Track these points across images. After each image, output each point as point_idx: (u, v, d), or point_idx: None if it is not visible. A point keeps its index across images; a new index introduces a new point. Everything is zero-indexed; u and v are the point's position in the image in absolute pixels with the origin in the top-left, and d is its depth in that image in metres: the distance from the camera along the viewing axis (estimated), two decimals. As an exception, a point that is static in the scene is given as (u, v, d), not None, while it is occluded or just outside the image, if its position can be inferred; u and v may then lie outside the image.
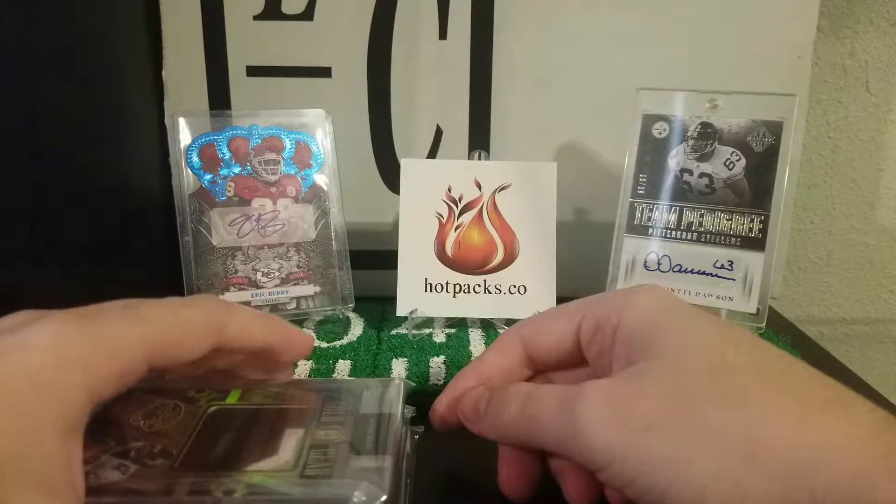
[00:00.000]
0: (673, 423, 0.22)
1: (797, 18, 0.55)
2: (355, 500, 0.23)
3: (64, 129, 0.45)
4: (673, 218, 0.46)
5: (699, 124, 0.46)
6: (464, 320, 0.49)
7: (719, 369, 0.23)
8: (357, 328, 0.48)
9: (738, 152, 0.45)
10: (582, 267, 0.49)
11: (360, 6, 0.53)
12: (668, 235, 0.46)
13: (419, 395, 0.37)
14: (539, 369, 0.31)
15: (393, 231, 0.52)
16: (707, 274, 0.46)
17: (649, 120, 0.47)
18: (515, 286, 0.47)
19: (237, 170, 0.46)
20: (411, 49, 0.54)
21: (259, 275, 0.46)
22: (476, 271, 0.47)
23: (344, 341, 0.46)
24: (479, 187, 0.48)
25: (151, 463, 0.25)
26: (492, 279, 0.47)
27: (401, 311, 0.46)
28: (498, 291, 0.47)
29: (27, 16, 0.40)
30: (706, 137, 0.46)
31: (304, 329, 0.47)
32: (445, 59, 0.54)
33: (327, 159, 0.48)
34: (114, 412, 0.29)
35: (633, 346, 0.25)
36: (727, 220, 0.45)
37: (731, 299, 0.45)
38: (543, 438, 0.25)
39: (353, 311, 0.50)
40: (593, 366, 0.28)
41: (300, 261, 0.47)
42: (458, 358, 0.43)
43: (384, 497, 0.24)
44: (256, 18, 0.53)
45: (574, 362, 0.29)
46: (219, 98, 0.54)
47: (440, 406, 0.30)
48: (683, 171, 0.46)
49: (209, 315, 0.26)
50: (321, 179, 0.48)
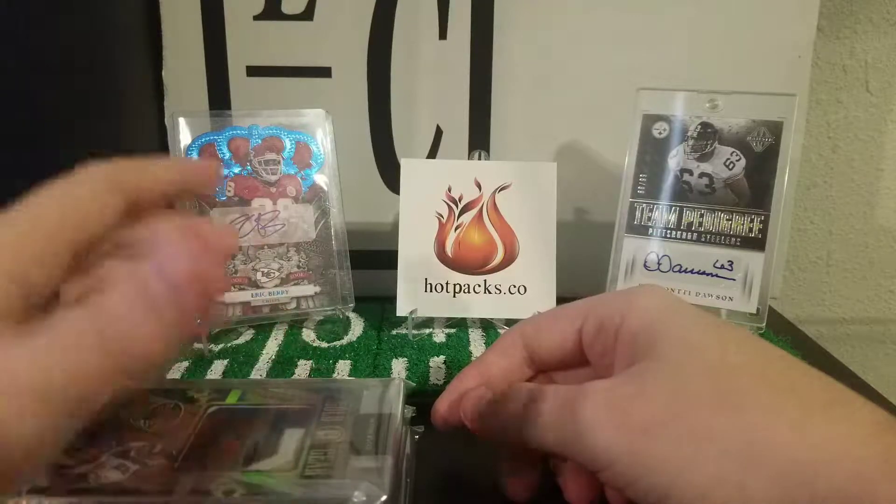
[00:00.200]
0: (673, 425, 0.22)
1: (797, 18, 0.55)
2: (355, 500, 0.23)
3: (64, 129, 0.45)
4: (673, 218, 0.46)
5: (699, 124, 0.46)
6: (464, 320, 0.49)
7: (720, 371, 0.23)
8: (357, 328, 0.48)
9: (738, 152, 0.45)
10: (582, 267, 0.49)
11: (360, 6, 0.53)
12: (668, 235, 0.46)
13: (419, 395, 0.37)
14: (540, 369, 0.31)
15: (393, 231, 0.52)
16: (707, 274, 0.46)
17: (649, 120, 0.47)
18: (515, 286, 0.47)
19: (237, 170, 0.46)
20: (411, 49, 0.54)
21: (259, 275, 0.46)
22: (476, 271, 0.47)
23: (344, 341, 0.46)
24: (479, 187, 0.48)
25: (151, 463, 0.25)
26: (492, 279, 0.47)
27: (401, 311, 0.46)
28: (498, 291, 0.47)
29: (27, 16, 0.40)
30: (706, 137, 0.46)
31: (305, 329, 0.47)
32: (445, 59, 0.54)
33: (327, 159, 0.48)
34: (114, 412, 0.29)
35: (635, 347, 0.25)
36: (727, 220, 0.45)
37: (731, 299, 0.45)
38: (544, 439, 0.25)
39: (353, 311, 0.50)
40: (595, 366, 0.28)
41: (300, 261, 0.47)
42: (458, 358, 0.43)
43: (384, 497, 0.24)
44: (256, 18, 0.53)
45: (576, 362, 0.29)
46: (219, 98, 0.54)
47: (442, 406, 0.30)
48: (683, 171, 0.46)
49: (107, 175, 0.25)
50: (321, 179, 0.48)
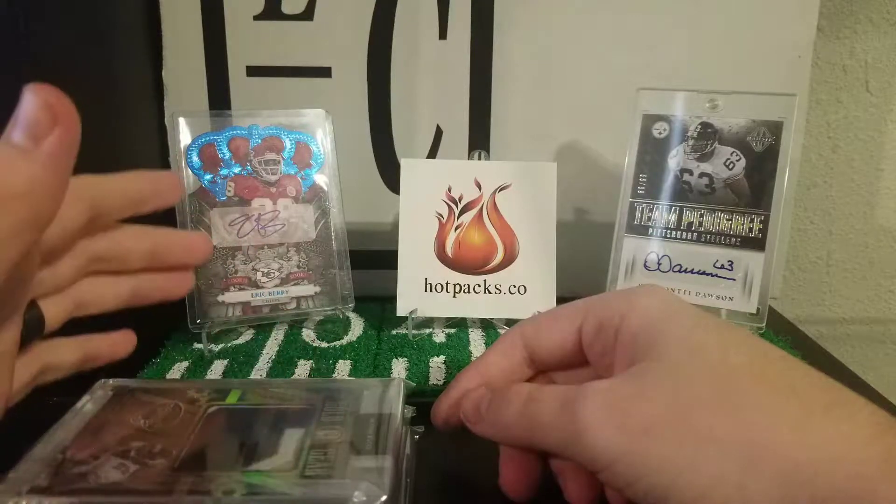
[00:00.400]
0: (673, 426, 0.22)
1: (797, 18, 0.55)
2: (355, 500, 0.23)
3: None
4: (673, 218, 0.46)
5: (699, 124, 0.46)
6: (464, 320, 0.49)
7: (720, 372, 0.23)
8: (357, 328, 0.48)
9: (738, 152, 0.45)
10: (582, 267, 0.49)
11: (360, 6, 0.53)
12: (668, 235, 0.46)
13: (419, 395, 0.37)
14: (540, 369, 0.31)
15: (393, 231, 0.52)
16: (707, 274, 0.46)
17: (649, 120, 0.47)
18: (515, 286, 0.47)
19: (237, 170, 0.46)
20: (411, 49, 0.54)
21: (259, 275, 0.46)
22: (476, 271, 0.47)
23: (344, 341, 0.46)
24: (479, 187, 0.48)
25: (151, 463, 0.25)
26: (492, 279, 0.47)
27: (401, 311, 0.46)
28: (498, 291, 0.47)
29: (28, 16, 0.40)
30: (706, 137, 0.46)
31: (305, 329, 0.47)
32: (445, 59, 0.54)
33: (327, 159, 0.48)
34: (114, 412, 0.29)
35: (635, 348, 0.25)
36: (727, 220, 0.45)
37: (731, 299, 0.45)
38: (544, 439, 0.25)
39: (353, 311, 0.50)
40: (595, 366, 0.28)
41: (300, 261, 0.47)
42: (458, 358, 0.43)
43: (384, 497, 0.24)
44: (256, 18, 0.53)
45: (576, 362, 0.29)
46: (219, 98, 0.54)
47: (442, 406, 0.30)
48: (683, 171, 0.46)
49: (76, 182, 0.25)
50: (321, 179, 0.48)
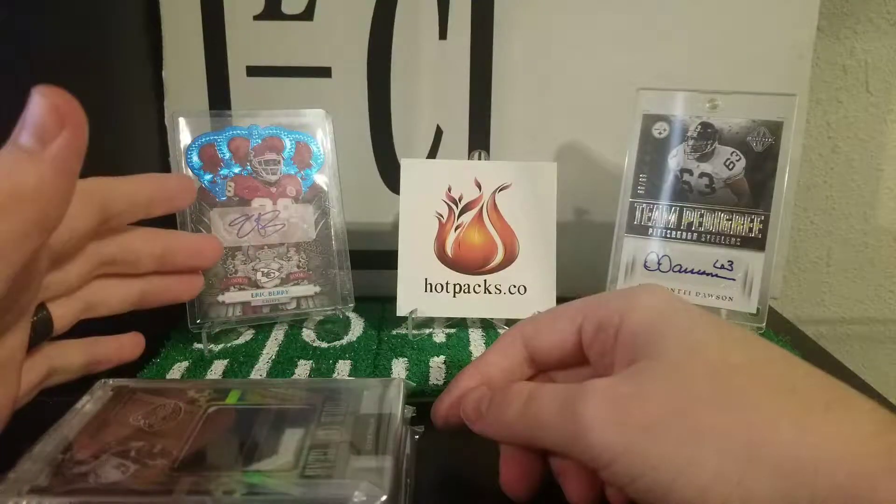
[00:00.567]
0: (674, 424, 0.22)
1: (797, 18, 0.55)
2: (355, 500, 0.23)
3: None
4: (673, 218, 0.46)
5: (699, 124, 0.46)
6: (464, 320, 0.49)
7: (720, 370, 0.23)
8: (357, 328, 0.48)
9: (738, 152, 0.45)
10: (582, 267, 0.49)
11: (360, 6, 0.53)
12: (668, 235, 0.46)
13: (419, 395, 0.37)
14: (540, 369, 0.31)
15: (393, 231, 0.52)
16: (707, 274, 0.46)
17: (649, 120, 0.47)
18: (515, 286, 0.47)
19: (237, 170, 0.46)
20: (411, 49, 0.54)
21: (259, 275, 0.46)
22: (476, 271, 0.47)
23: (344, 341, 0.46)
24: (479, 187, 0.48)
25: (151, 463, 0.25)
26: (492, 279, 0.47)
27: (401, 311, 0.46)
28: (498, 291, 0.47)
29: (27, 16, 0.40)
30: (706, 137, 0.46)
31: (305, 329, 0.47)
32: (445, 59, 0.54)
33: (327, 159, 0.48)
34: (114, 412, 0.29)
35: (635, 347, 0.25)
36: (727, 220, 0.45)
37: (731, 299, 0.45)
38: (545, 438, 0.25)
39: (353, 311, 0.50)
40: (595, 365, 0.28)
41: (300, 261, 0.47)
42: (458, 358, 0.43)
43: (384, 497, 0.24)
44: (256, 18, 0.53)
45: (576, 362, 0.29)
46: (219, 98, 0.54)
47: (442, 406, 0.30)
48: (683, 171, 0.46)
49: (81, 187, 0.25)
50: (321, 179, 0.48)
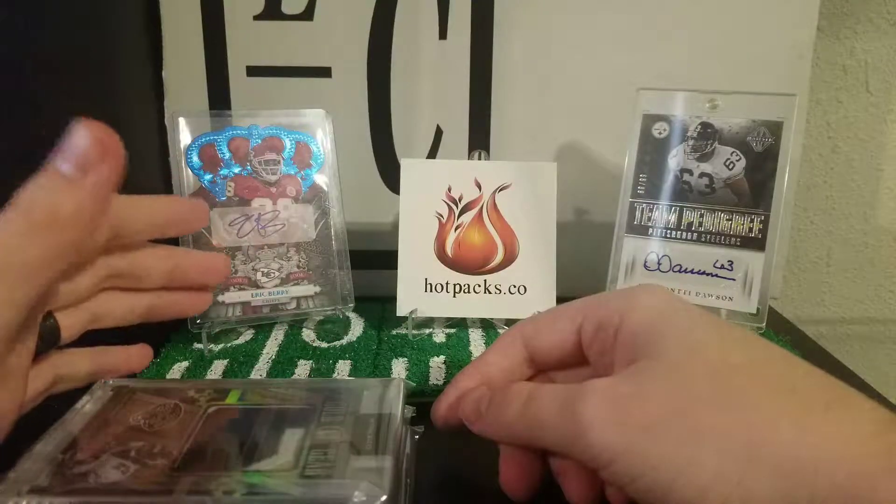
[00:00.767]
0: (673, 424, 0.22)
1: (797, 18, 0.55)
2: (355, 500, 0.23)
3: (64, 130, 0.45)
4: (673, 218, 0.46)
5: (699, 124, 0.46)
6: (464, 320, 0.49)
7: (720, 370, 0.23)
8: (357, 328, 0.48)
9: (738, 152, 0.45)
10: (582, 267, 0.49)
11: (360, 6, 0.53)
12: (668, 235, 0.46)
13: (419, 395, 0.37)
14: (540, 369, 0.31)
15: (393, 231, 0.52)
16: (707, 274, 0.46)
17: (649, 120, 0.47)
18: (515, 286, 0.47)
19: (237, 170, 0.46)
20: (411, 49, 0.54)
21: (259, 275, 0.46)
22: (476, 271, 0.47)
23: (344, 341, 0.46)
24: (479, 187, 0.48)
25: (151, 463, 0.25)
26: (492, 279, 0.47)
27: (401, 311, 0.46)
28: (498, 291, 0.47)
29: (27, 16, 0.40)
30: (706, 137, 0.46)
31: (305, 329, 0.47)
32: (445, 59, 0.54)
33: (327, 159, 0.48)
34: (114, 412, 0.29)
35: (635, 347, 0.25)
36: (727, 220, 0.45)
37: (731, 299, 0.45)
38: (545, 438, 0.25)
39: (353, 311, 0.50)
40: (594, 365, 0.28)
41: (300, 261, 0.47)
42: (458, 358, 0.43)
43: (384, 497, 0.24)
44: (256, 18, 0.53)
45: (575, 362, 0.29)
46: (219, 98, 0.54)
47: (441, 406, 0.30)
48: (683, 171, 0.46)
49: None
50: (321, 179, 0.48)
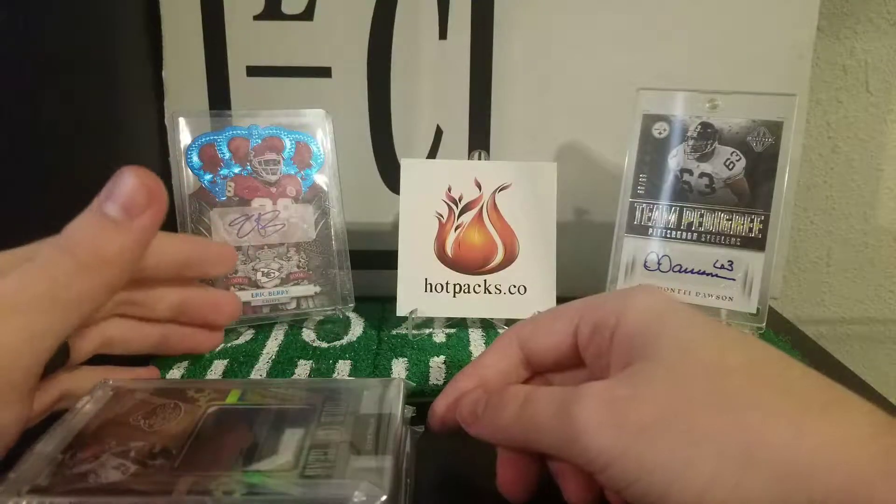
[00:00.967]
0: (670, 427, 0.22)
1: (797, 18, 0.55)
2: (355, 500, 0.23)
3: (64, 129, 0.45)
4: (673, 218, 0.46)
5: (699, 124, 0.46)
6: (464, 320, 0.49)
7: (716, 372, 0.23)
8: (357, 328, 0.48)
9: (738, 152, 0.45)
10: (582, 267, 0.49)
11: (360, 6, 0.53)
12: (668, 235, 0.46)
13: (419, 395, 0.37)
14: (537, 370, 0.31)
15: (393, 231, 0.52)
16: (707, 274, 0.46)
17: (649, 120, 0.47)
18: (515, 286, 0.47)
19: (237, 170, 0.46)
20: (411, 49, 0.54)
21: (259, 275, 0.46)
22: (476, 271, 0.47)
23: (344, 341, 0.46)
24: (479, 187, 0.48)
25: (151, 463, 0.25)
26: (492, 279, 0.47)
27: (401, 311, 0.46)
28: (498, 291, 0.47)
29: (27, 16, 0.40)
30: (706, 137, 0.46)
31: (305, 329, 0.47)
32: (445, 59, 0.54)
33: (327, 159, 0.48)
34: (114, 412, 0.29)
35: (631, 348, 0.25)
36: (727, 220, 0.45)
37: (731, 299, 0.45)
38: (541, 441, 0.25)
39: (353, 311, 0.50)
40: (591, 367, 0.28)
41: (300, 261, 0.47)
42: (458, 358, 0.43)
43: (384, 497, 0.24)
44: (256, 18, 0.53)
45: (572, 364, 0.29)
46: (219, 98, 0.54)
47: (439, 408, 0.30)
48: (683, 171, 0.46)
49: None
50: (321, 179, 0.48)
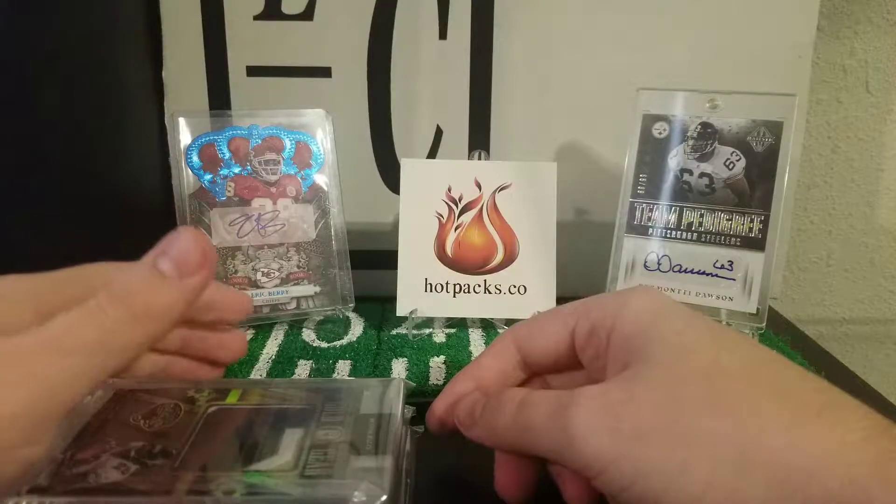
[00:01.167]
0: (665, 431, 0.22)
1: (797, 18, 0.55)
2: (355, 500, 0.23)
3: (64, 130, 0.45)
4: (673, 218, 0.46)
5: (699, 124, 0.46)
6: (464, 320, 0.49)
7: (712, 375, 0.23)
8: (357, 328, 0.48)
9: (738, 152, 0.45)
10: (582, 267, 0.49)
11: (360, 6, 0.53)
12: (668, 235, 0.46)
13: (419, 395, 0.37)
14: (535, 372, 0.31)
15: (393, 231, 0.52)
16: (707, 274, 0.46)
17: (649, 120, 0.47)
18: (515, 286, 0.47)
19: (237, 170, 0.46)
20: (411, 49, 0.54)
21: (259, 275, 0.46)
22: (476, 271, 0.47)
23: (344, 341, 0.46)
24: (479, 187, 0.48)
25: (151, 463, 0.25)
26: (492, 279, 0.47)
27: (401, 311, 0.46)
28: (498, 291, 0.47)
29: (27, 16, 0.40)
30: (706, 137, 0.46)
31: (305, 329, 0.47)
32: (445, 59, 0.54)
33: (327, 159, 0.48)
34: (114, 412, 0.29)
35: (628, 350, 0.25)
36: (727, 220, 0.45)
37: (731, 299, 0.45)
38: (537, 445, 0.25)
39: (353, 311, 0.50)
40: (588, 369, 0.28)
41: (300, 261, 0.47)
42: (458, 358, 0.43)
43: (384, 497, 0.24)
44: (256, 18, 0.53)
45: (569, 365, 0.29)
46: (219, 98, 0.54)
47: (437, 410, 0.30)
48: (683, 171, 0.46)
49: None
50: (321, 179, 0.48)
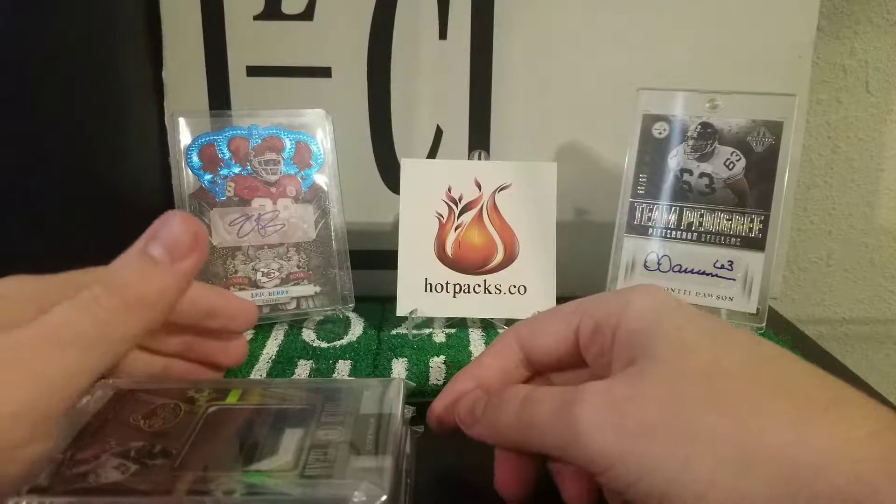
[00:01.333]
0: (668, 427, 0.22)
1: (797, 18, 0.55)
2: (355, 500, 0.23)
3: (64, 130, 0.45)
4: (673, 218, 0.46)
5: (699, 124, 0.46)
6: (464, 320, 0.49)
7: (716, 372, 0.23)
8: (357, 328, 0.48)
9: (738, 152, 0.45)
10: (582, 267, 0.49)
11: (360, 6, 0.53)
12: (668, 235, 0.46)
13: (419, 395, 0.37)
14: (538, 370, 0.31)
15: (393, 231, 0.52)
16: (707, 274, 0.46)
17: (649, 120, 0.47)
18: (515, 286, 0.47)
19: (237, 170, 0.46)
20: (411, 49, 0.54)
21: (259, 275, 0.46)
22: (476, 271, 0.47)
23: (344, 341, 0.46)
24: (479, 187, 0.48)
25: (151, 463, 0.25)
26: (492, 279, 0.47)
27: (401, 311, 0.46)
28: (498, 291, 0.47)
29: (27, 16, 0.40)
30: (706, 137, 0.46)
31: (305, 329, 0.47)
32: (445, 59, 0.54)
33: (327, 159, 0.48)
34: (114, 412, 0.29)
35: (633, 347, 0.25)
36: (727, 220, 0.45)
37: (731, 299, 0.45)
38: (541, 442, 0.25)
39: (353, 311, 0.50)
40: (593, 366, 0.28)
41: (300, 261, 0.47)
42: (458, 358, 0.43)
43: (384, 497, 0.24)
44: (256, 18, 0.53)
45: (572, 363, 0.29)
46: (219, 98, 0.54)
47: (437, 409, 0.30)
48: (683, 171, 0.46)
49: None
50: (321, 179, 0.48)
